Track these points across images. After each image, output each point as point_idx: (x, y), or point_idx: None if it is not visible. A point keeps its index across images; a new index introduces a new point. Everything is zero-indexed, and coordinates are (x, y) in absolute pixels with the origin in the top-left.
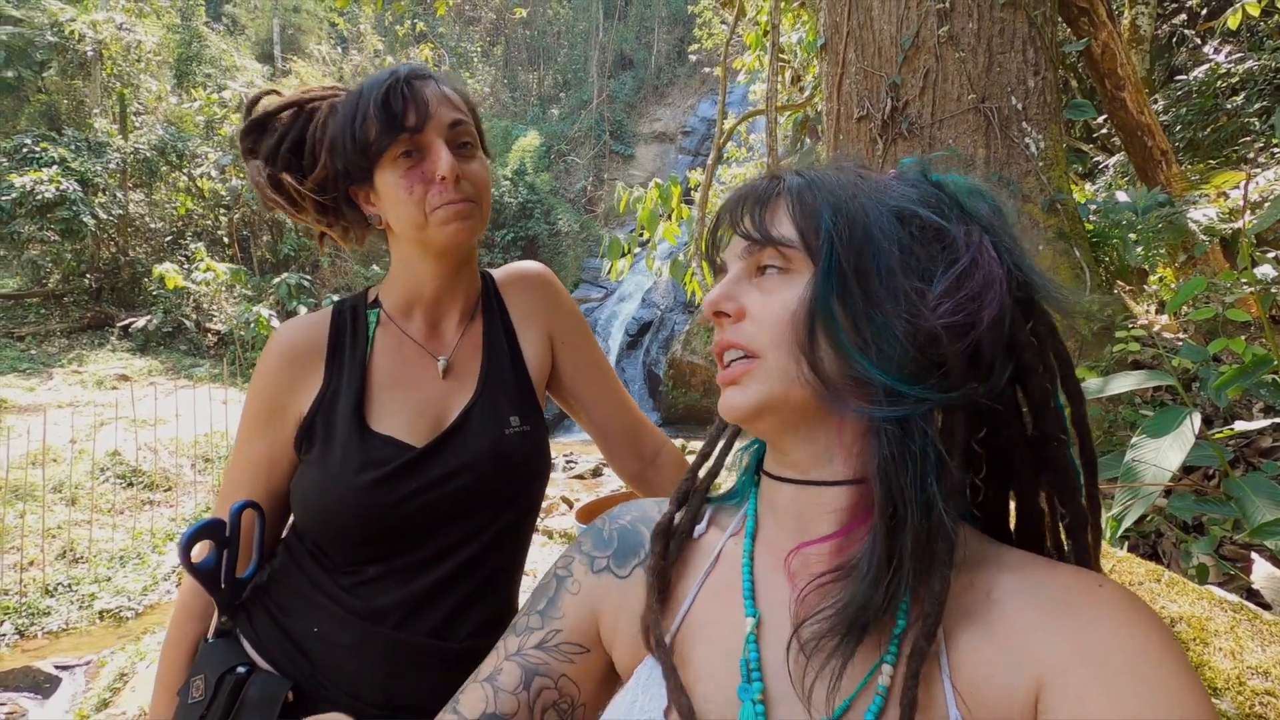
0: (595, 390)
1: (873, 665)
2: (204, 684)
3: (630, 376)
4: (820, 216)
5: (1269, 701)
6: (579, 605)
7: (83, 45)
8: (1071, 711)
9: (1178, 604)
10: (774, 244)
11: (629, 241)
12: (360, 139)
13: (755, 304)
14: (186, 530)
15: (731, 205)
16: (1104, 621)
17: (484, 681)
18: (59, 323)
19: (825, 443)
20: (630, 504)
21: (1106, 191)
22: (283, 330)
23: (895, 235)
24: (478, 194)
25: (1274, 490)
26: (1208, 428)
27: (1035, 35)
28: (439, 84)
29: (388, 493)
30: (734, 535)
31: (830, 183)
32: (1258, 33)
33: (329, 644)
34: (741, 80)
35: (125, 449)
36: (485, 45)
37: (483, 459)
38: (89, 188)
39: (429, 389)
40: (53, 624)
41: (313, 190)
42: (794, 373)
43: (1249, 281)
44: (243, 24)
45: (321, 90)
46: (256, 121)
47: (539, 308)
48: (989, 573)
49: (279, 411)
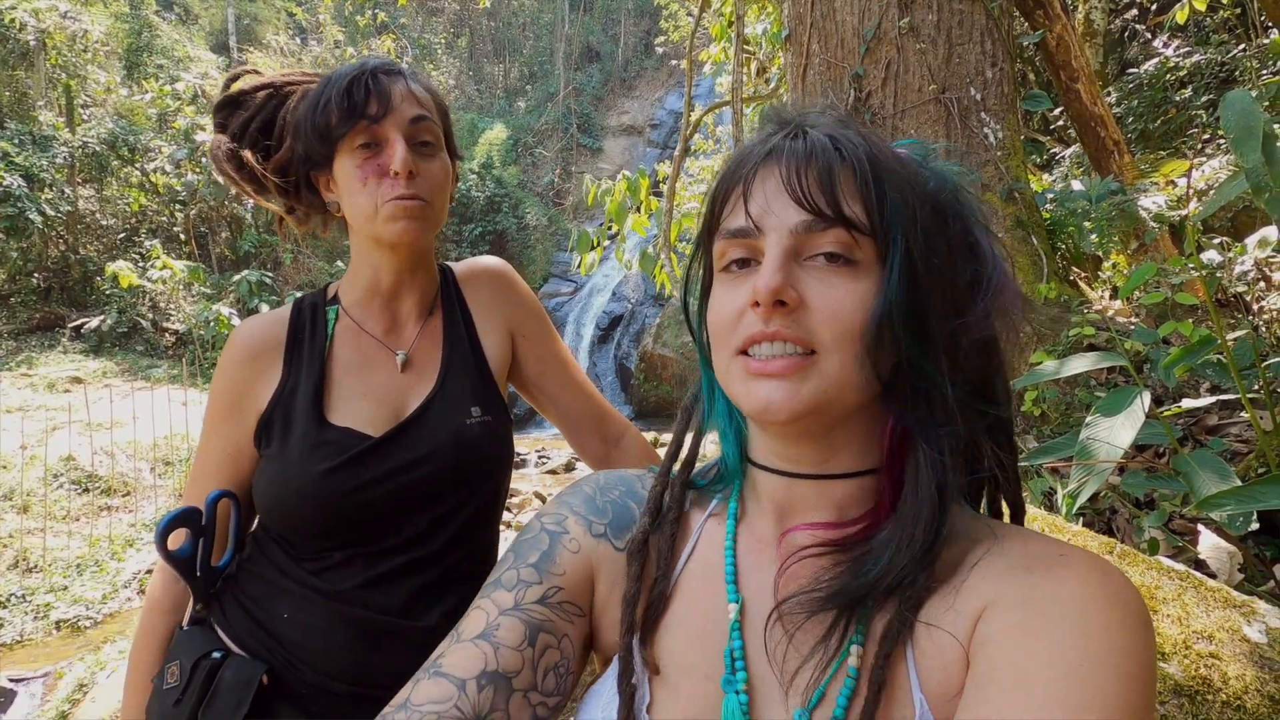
0: (558, 380)
1: (842, 648)
2: (179, 670)
3: (602, 370)
4: (888, 200)
5: (1213, 664)
6: (579, 565)
7: (24, 34)
8: (999, 645)
9: (1129, 574)
10: (847, 226)
11: (598, 235)
12: (321, 124)
13: (818, 296)
14: (163, 518)
15: (785, 164)
16: (1055, 573)
17: (477, 639)
18: (5, 324)
19: (840, 442)
20: (613, 475)
21: (1063, 181)
22: (242, 327)
23: (944, 233)
24: (431, 193)
25: (1219, 465)
26: (1158, 407)
27: (993, 27)
28: (408, 81)
29: (345, 481)
30: (713, 517)
31: (889, 157)
32: (1204, 28)
33: (298, 627)
34: (708, 72)
35: (80, 454)
36: (449, 37)
37: (445, 448)
38: (34, 183)
39: (388, 382)
40: (6, 636)
41: (274, 171)
42: (853, 376)
43: (1196, 266)
44: (195, 13)
45: (300, 75)
46: (231, 98)
47: (499, 302)
48: (965, 546)
49: (238, 406)
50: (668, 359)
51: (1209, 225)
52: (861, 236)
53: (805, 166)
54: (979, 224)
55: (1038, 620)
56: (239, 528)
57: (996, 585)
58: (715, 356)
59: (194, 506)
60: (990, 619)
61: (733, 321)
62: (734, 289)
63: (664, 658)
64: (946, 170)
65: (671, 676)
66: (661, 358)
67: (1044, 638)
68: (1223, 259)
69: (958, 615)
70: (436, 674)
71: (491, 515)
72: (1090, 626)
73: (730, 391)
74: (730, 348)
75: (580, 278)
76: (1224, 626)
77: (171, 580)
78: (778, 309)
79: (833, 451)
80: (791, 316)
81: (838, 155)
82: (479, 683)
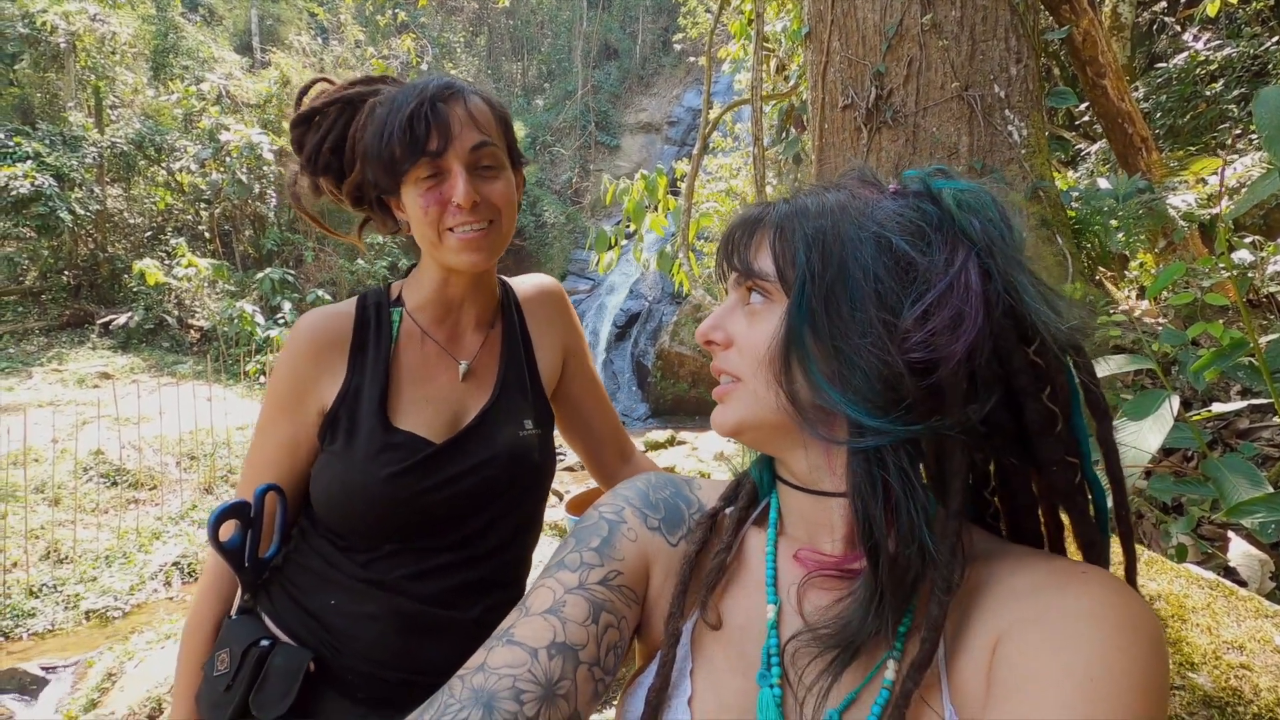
0: (594, 399)
1: (879, 659)
2: (229, 657)
3: (619, 368)
4: (796, 249)
5: (1244, 675)
6: (637, 552)
7: (55, 37)
8: (1014, 664)
9: (1156, 582)
10: (754, 277)
11: (615, 233)
12: (386, 157)
13: (740, 333)
14: (214, 510)
15: (725, 235)
16: (1071, 594)
17: (545, 614)
18: (37, 321)
19: (813, 460)
20: (663, 477)
21: (1089, 178)
22: (307, 320)
23: (873, 266)
24: (498, 214)
25: (1250, 470)
26: (1187, 410)
27: (1017, 23)
28: (466, 101)
29: (408, 486)
30: (755, 525)
31: (815, 210)
32: (1236, 20)
33: (346, 615)
34: (726, 70)
35: (108, 448)
36: (468, 35)
37: (500, 457)
38: (65, 183)
39: (449, 389)
40: (38, 625)
41: (349, 194)
42: (770, 398)
43: (1226, 266)
44: (220, 15)
45: (367, 82)
46: (305, 115)
47: (557, 323)
48: (984, 568)
49: (302, 399)
50: (685, 357)
51: (1240, 224)
52: (768, 283)
53: (733, 236)
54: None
55: (1052, 637)
56: (285, 521)
57: (1016, 605)
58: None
59: (244, 500)
60: (1009, 637)
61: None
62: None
63: (707, 653)
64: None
65: (713, 671)
66: (679, 355)
67: (1058, 654)
68: (1255, 259)
69: (983, 633)
70: (509, 642)
71: (533, 522)
72: (1103, 642)
73: None
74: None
75: (598, 275)
76: (1255, 636)
77: (222, 571)
78: (712, 348)
79: (808, 469)
80: (725, 353)
81: (761, 221)
82: (549, 652)
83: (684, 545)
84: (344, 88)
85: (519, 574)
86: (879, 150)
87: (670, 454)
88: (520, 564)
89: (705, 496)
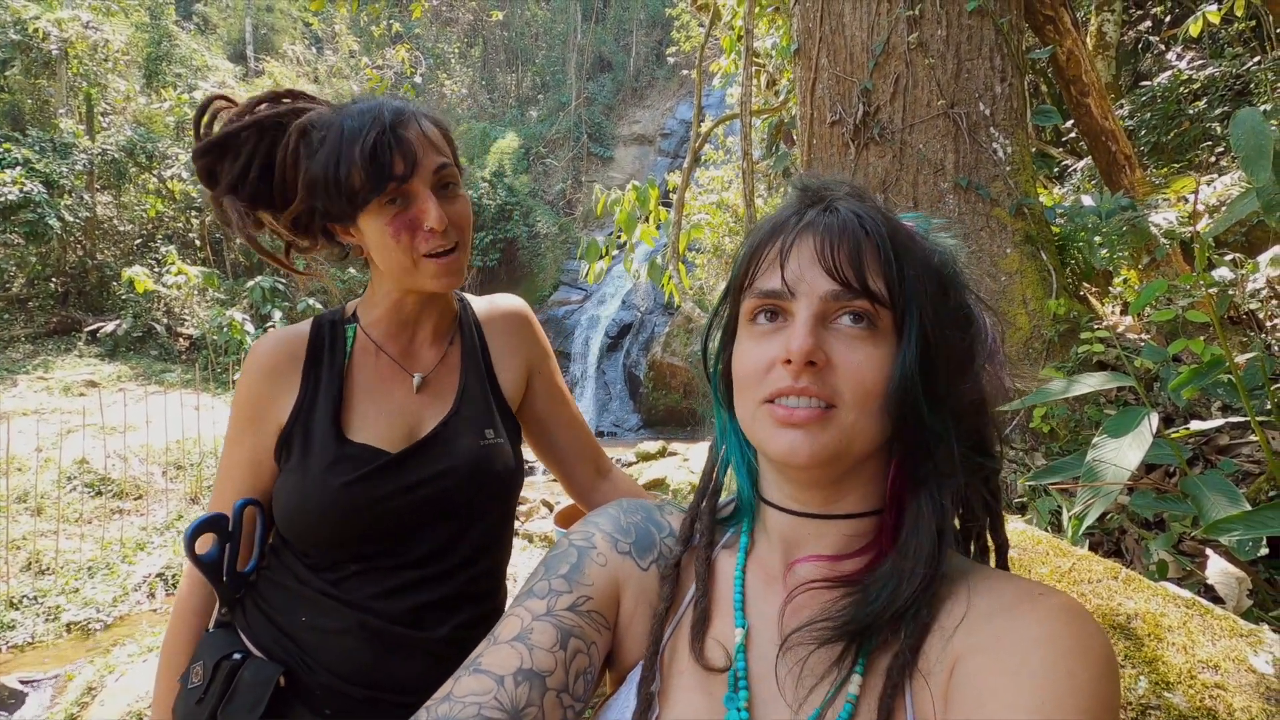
0: (563, 415)
1: (844, 675)
2: (202, 670)
3: (611, 379)
4: (906, 275)
5: (1218, 695)
6: (607, 578)
7: (47, 44)
8: (971, 687)
9: (1134, 601)
10: (870, 298)
11: (607, 244)
12: (345, 187)
13: (843, 358)
14: (191, 524)
15: (818, 237)
16: (1025, 615)
17: (513, 641)
18: (23, 328)
19: (848, 487)
20: (634, 502)
21: (1074, 194)
22: (263, 342)
23: (973, 305)
24: (461, 234)
25: (1228, 488)
26: (1168, 426)
27: (1002, 42)
28: (419, 124)
29: (363, 494)
30: (725, 549)
31: (904, 234)
32: (1219, 40)
33: (316, 631)
34: (718, 84)
35: (94, 457)
36: (463, 46)
37: (461, 467)
38: (54, 189)
39: (404, 402)
40: (18, 638)
41: (288, 223)
42: (868, 429)
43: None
44: (214, 23)
45: (273, 100)
46: (215, 143)
47: (518, 341)
48: (952, 588)
49: (259, 418)
50: (676, 368)
51: (1222, 241)
52: (880, 307)
53: (837, 241)
54: (972, 294)
55: (1004, 661)
56: (264, 535)
57: (972, 627)
58: (739, 400)
59: (221, 513)
60: (965, 660)
61: (761, 372)
62: (763, 342)
63: (675, 675)
64: (946, 244)
65: (680, 693)
66: (670, 366)
67: (1011, 678)
68: (1235, 276)
69: (942, 654)
70: (476, 670)
71: (500, 536)
72: (1054, 666)
73: (755, 436)
74: (757, 396)
75: (589, 286)
76: (1230, 656)
77: (199, 584)
78: (808, 368)
79: (840, 494)
80: (818, 374)
81: (864, 232)
82: (515, 679)
83: (654, 569)
84: (249, 109)
85: (491, 588)
86: (866, 165)
87: (661, 465)
88: (491, 578)
89: (676, 521)
